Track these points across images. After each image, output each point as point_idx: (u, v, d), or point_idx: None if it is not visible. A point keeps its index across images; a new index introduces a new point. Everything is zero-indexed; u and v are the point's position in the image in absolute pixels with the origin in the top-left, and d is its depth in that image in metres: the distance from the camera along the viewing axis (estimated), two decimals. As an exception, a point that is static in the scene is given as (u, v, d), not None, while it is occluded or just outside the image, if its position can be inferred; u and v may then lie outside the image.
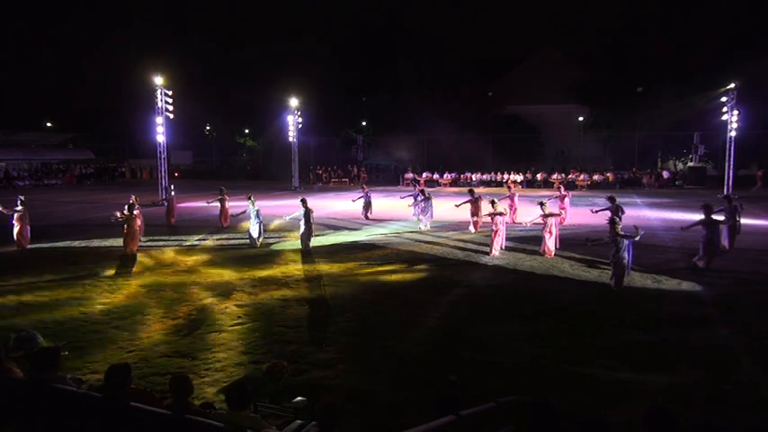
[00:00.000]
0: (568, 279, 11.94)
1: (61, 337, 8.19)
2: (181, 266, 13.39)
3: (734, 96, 30.99)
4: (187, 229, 19.37)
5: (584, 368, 7.17)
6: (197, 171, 56.48)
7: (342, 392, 6.46)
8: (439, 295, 10.64)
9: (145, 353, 7.73)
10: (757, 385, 6.74)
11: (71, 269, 13.00)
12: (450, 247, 15.66)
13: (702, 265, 12.52)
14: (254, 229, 15.91)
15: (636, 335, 8.45)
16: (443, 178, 43.49)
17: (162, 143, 28.44)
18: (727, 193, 27.17)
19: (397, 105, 49.61)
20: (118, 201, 24.55)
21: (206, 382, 6.70)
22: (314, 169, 47.88)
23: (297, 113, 38.51)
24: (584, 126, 48.61)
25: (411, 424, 4.28)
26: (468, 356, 7.66)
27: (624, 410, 5.89)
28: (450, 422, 4.30)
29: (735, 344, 8.02)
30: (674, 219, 20.90)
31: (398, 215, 22.29)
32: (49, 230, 18.38)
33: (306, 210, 15.02)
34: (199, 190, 34.09)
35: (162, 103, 27.74)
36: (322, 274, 12.47)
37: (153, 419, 3.88)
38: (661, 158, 48.25)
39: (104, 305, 10.08)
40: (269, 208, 23.73)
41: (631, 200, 28.73)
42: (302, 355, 7.66)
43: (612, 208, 15.92)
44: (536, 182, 41.43)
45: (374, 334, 8.54)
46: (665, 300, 10.35)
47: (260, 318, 9.34)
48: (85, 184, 47.83)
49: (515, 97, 50.69)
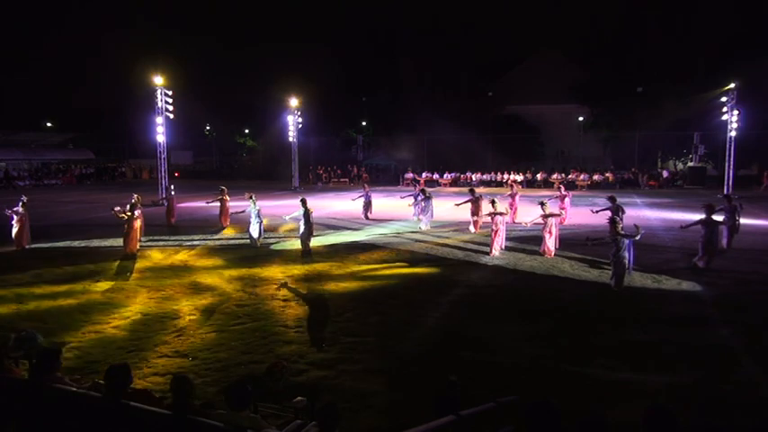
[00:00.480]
0: (568, 279, 11.94)
1: (61, 336, 8.21)
2: (181, 266, 13.39)
3: (734, 96, 30.99)
4: (187, 229, 19.37)
5: (585, 368, 7.17)
6: (197, 171, 56.50)
7: (342, 392, 6.45)
8: (439, 295, 10.64)
9: (145, 353, 7.73)
10: (757, 385, 6.74)
11: (71, 269, 12.99)
12: (450, 247, 15.66)
13: (702, 265, 12.53)
14: (255, 229, 15.91)
15: (636, 335, 8.45)
16: (443, 178, 43.50)
17: (162, 143, 28.45)
18: (727, 192, 27.16)
19: (398, 105, 49.63)
20: (118, 201, 24.54)
21: (207, 382, 6.70)
22: (314, 169, 47.88)
23: (297, 113, 38.52)
24: (584, 126, 48.61)
25: (411, 424, 4.28)
26: (469, 356, 7.66)
27: (624, 410, 5.89)
28: (450, 422, 4.30)
29: (735, 344, 8.02)
30: (674, 219, 20.89)
31: (398, 215, 22.29)
32: (48, 230, 18.38)
33: (305, 210, 15.02)
34: (199, 190, 34.08)
35: (162, 103, 27.75)
36: (322, 275, 12.47)
37: (153, 420, 3.88)
38: (661, 158, 48.26)
39: (104, 305, 10.08)
40: (269, 208, 23.72)
41: (631, 200, 28.74)
42: (302, 354, 7.67)
43: (613, 208, 15.92)
44: (536, 182, 41.44)
45: (374, 334, 8.54)
46: (666, 300, 10.35)
47: (260, 318, 9.33)
48: (85, 184, 47.85)
49: (515, 97, 50.68)
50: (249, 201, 16.27)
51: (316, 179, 46.65)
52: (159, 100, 27.66)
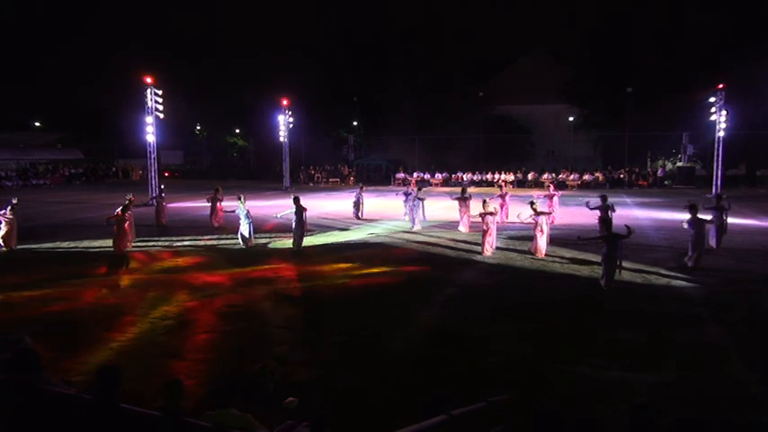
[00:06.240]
0: (559, 278, 12.00)
1: (50, 338, 8.12)
2: (171, 267, 13.31)
3: (722, 97, 31.28)
4: (178, 229, 19.25)
5: (575, 367, 7.22)
6: (187, 171, 56.18)
7: (334, 392, 6.45)
8: (431, 295, 10.66)
9: (135, 354, 7.68)
10: (745, 383, 6.81)
11: (60, 270, 12.87)
12: (441, 247, 15.69)
13: (691, 264, 12.64)
14: (245, 229, 15.84)
15: (625, 333, 8.51)
16: (435, 178, 43.57)
17: (152, 143, 28.26)
18: (716, 193, 27.43)
19: (389, 105, 49.63)
20: (107, 201, 24.41)
21: (198, 384, 6.66)
22: (305, 169, 47.80)
23: (288, 113, 38.43)
24: (574, 126, 48.90)
25: (403, 423, 4.28)
26: (460, 355, 7.68)
27: (614, 409, 5.93)
28: (441, 421, 4.30)
29: (723, 342, 8.11)
30: (664, 218, 21.07)
31: (390, 215, 22.30)
32: (37, 231, 18.20)
33: (298, 208, 14.98)
34: (189, 190, 33.91)
35: (152, 102, 27.56)
36: (314, 274, 12.44)
37: (144, 421, 3.85)
38: (650, 158, 48.63)
39: (94, 306, 10.00)
40: (260, 208, 23.65)
41: (621, 199, 28.94)
42: (294, 355, 7.65)
43: (603, 207, 16.01)
44: (527, 182, 41.62)
45: (366, 333, 8.54)
46: (655, 298, 10.43)
47: (251, 318, 9.30)
48: (74, 184, 47.41)
49: (506, 97, 50.89)
50: (238, 201, 16.19)
51: (307, 179, 46.56)
52: (149, 99, 27.46)
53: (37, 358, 4.40)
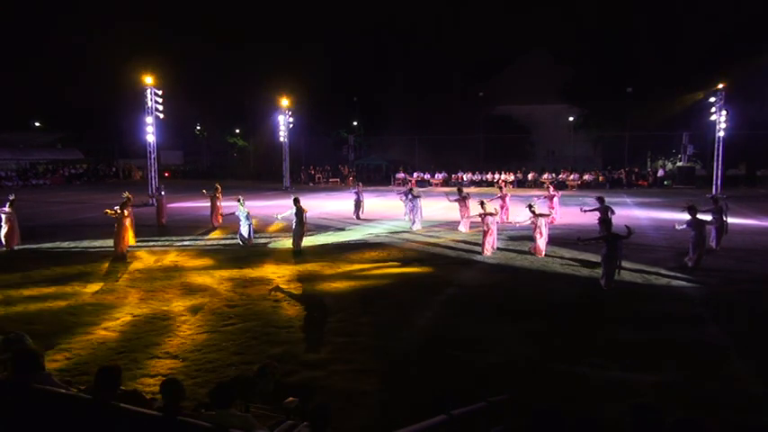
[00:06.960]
0: (559, 278, 12.00)
1: (50, 338, 8.13)
2: (171, 267, 13.31)
3: (722, 97, 31.27)
4: (178, 229, 19.25)
5: (575, 367, 7.22)
6: (187, 171, 56.16)
7: (334, 393, 6.45)
8: (431, 295, 10.66)
9: (135, 354, 7.68)
10: (745, 383, 6.81)
11: (60, 270, 12.87)
12: (441, 247, 15.69)
13: (691, 265, 12.64)
14: (245, 230, 15.85)
15: (625, 333, 8.52)
16: (434, 178, 43.58)
17: (152, 143, 28.27)
18: (714, 193, 27.42)
19: (389, 105, 49.63)
20: (106, 201, 24.36)
21: (198, 383, 6.66)
22: (305, 169, 47.80)
23: (288, 113, 38.42)
24: (574, 126, 48.90)
25: (403, 424, 4.28)
26: (460, 356, 7.68)
27: (613, 409, 5.93)
28: (441, 421, 4.31)
29: (723, 342, 8.11)
30: (664, 218, 21.06)
31: (390, 215, 22.30)
32: (37, 231, 18.20)
33: (298, 209, 14.98)
34: (189, 190, 33.89)
35: (152, 102, 27.56)
36: (313, 274, 12.44)
37: (143, 421, 3.85)
38: (650, 158, 48.63)
39: (94, 306, 10.00)
40: (260, 208, 23.67)
41: (621, 199, 28.94)
42: (294, 355, 7.65)
43: (602, 208, 15.99)
44: (527, 182, 41.61)
45: (366, 334, 8.54)
46: (655, 298, 10.43)
47: (251, 318, 9.30)
48: (74, 184, 47.41)
49: (506, 98, 50.87)
50: (237, 203, 16.19)
51: (307, 179, 46.57)
52: (149, 100, 27.47)
53: (37, 358, 4.40)
